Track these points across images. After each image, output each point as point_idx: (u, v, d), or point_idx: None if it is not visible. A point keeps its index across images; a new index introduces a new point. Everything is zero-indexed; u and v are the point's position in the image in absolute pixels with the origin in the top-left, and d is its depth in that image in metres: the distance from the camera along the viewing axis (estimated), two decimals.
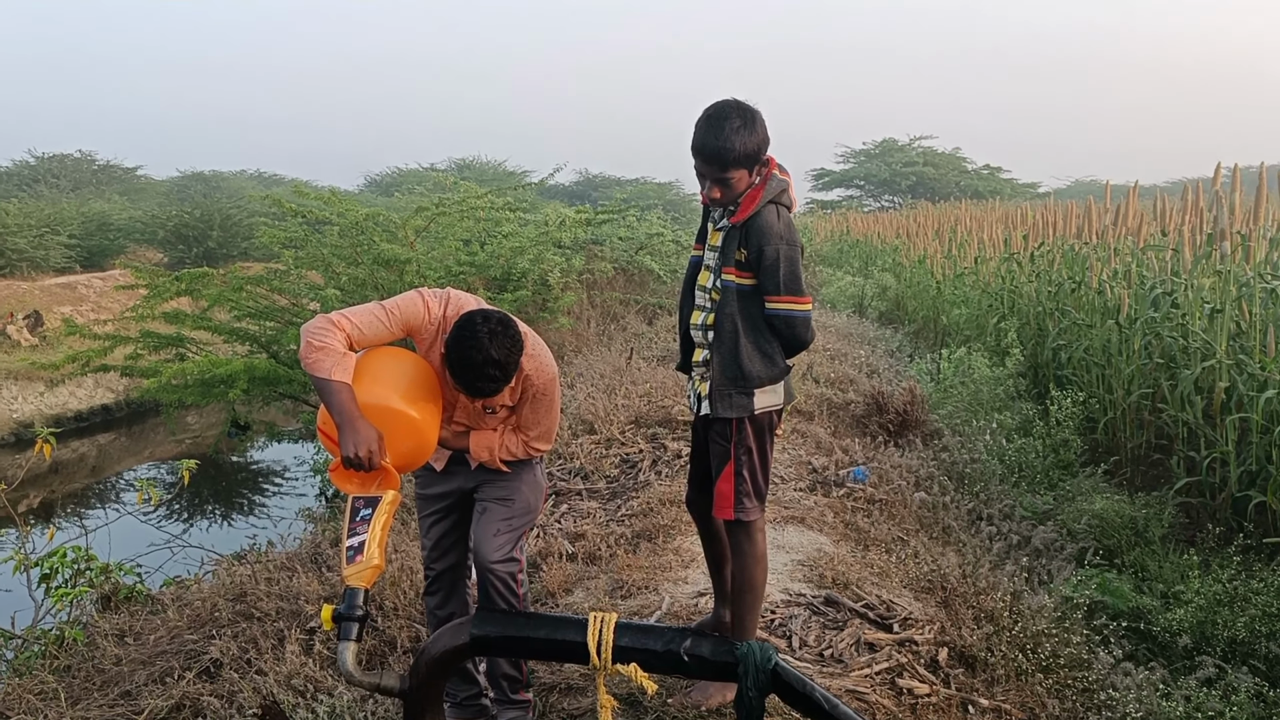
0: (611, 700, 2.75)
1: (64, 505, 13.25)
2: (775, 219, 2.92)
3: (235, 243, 25.77)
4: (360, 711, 3.70)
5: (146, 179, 39.82)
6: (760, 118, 2.90)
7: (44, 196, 30.57)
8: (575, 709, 3.37)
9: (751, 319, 2.96)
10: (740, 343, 2.94)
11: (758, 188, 2.94)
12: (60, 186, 34.57)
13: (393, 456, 2.86)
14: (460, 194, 14.35)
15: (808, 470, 6.16)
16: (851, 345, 11.33)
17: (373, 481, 2.87)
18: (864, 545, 4.96)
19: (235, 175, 42.96)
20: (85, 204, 28.46)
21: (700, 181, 2.98)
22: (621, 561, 4.54)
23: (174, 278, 11.56)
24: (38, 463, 7.22)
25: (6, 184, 34.22)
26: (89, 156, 38.49)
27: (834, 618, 3.98)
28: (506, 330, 2.82)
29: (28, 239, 22.41)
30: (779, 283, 2.91)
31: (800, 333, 2.98)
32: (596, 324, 13.21)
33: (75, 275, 23.51)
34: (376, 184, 46.18)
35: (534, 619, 2.67)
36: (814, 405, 7.73)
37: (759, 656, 2.57)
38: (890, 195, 49.26)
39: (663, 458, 6.28)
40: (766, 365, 2.97)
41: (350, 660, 2.66)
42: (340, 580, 3.98)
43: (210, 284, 11.21)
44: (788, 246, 2.92)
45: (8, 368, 17.95)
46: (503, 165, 46.30)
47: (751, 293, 2.97)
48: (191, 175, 40.45)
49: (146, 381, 10.85)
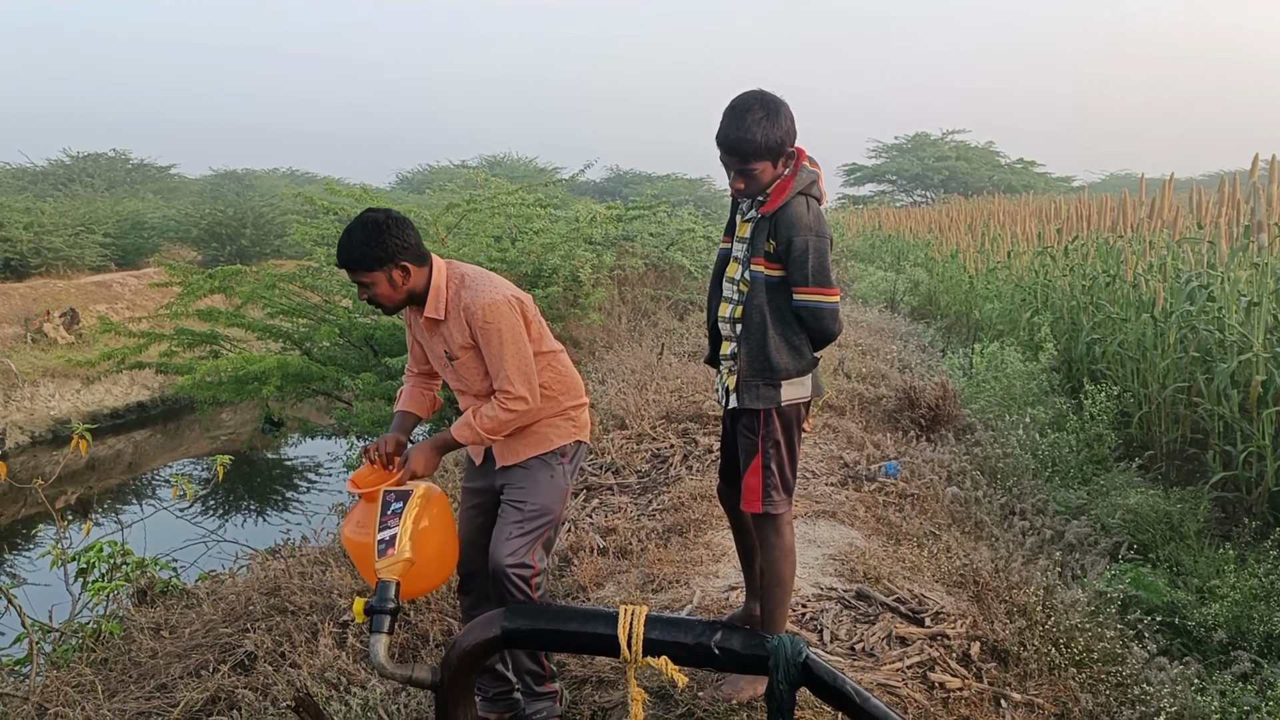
0: (642, 693, 2.76)
1: (100, 501, 13.45)
2: (805, 210, 2.91)
3: (268, 240, 26.00)
4: (392, 704, 3.74)
5: (180, 178, 40.21)
6: (785, 109, 2.88)
7: (79, 196, 30.96)
8: (606, 702, 3.38)
9: (779, 311, 2.95)
10: (768, 334, 2.93)
11: (787, 179, 2.93)
12: (95, 186, 34.97)
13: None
14: (491, 190, 14.41)
15: (839, 465, 6.14)
16: (883, 340, 11.27)
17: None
18: (895, 540, 4.94)
19: (268, 174, 43.31)
20: (120, 203, 28.80)
21: (726, 173, 2.98)
22: (652, 556, 4.54)
23: (207, 275, 11.68)
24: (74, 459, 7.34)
25: (43, 184, 34.66)
26: (123, 155, 38.92)
27: (865, 612, 3.96)
28: (369, 222, 2.98)
29: (64, 238, 22.73)
30: (807, 274, 2.90)
31: (828, 325, 2.96)
32: (627, 320, 13.21)
33: (110, 274, 23.81)
34: (408, 181, 46.41)
35: (565, 612, 2.68)
36: (845, 400, 7.70)
37: (790, 650, 2.57)
38: (922, 190, 48.88)
39: (694, 452, 6.28)
40: (794, 357, 2.96)
41: (382, 653, 2.68)
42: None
43: (243, 281, 11.33)
44: (817, 238, 2.90)
45: (44, 365, 18.23)
46: (533, 162, 46.42)
47: (780, 284, 2.95)
48: (224, 174, 40.82)
49: (181, 378, 10.99)
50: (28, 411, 17.39)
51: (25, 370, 17.84)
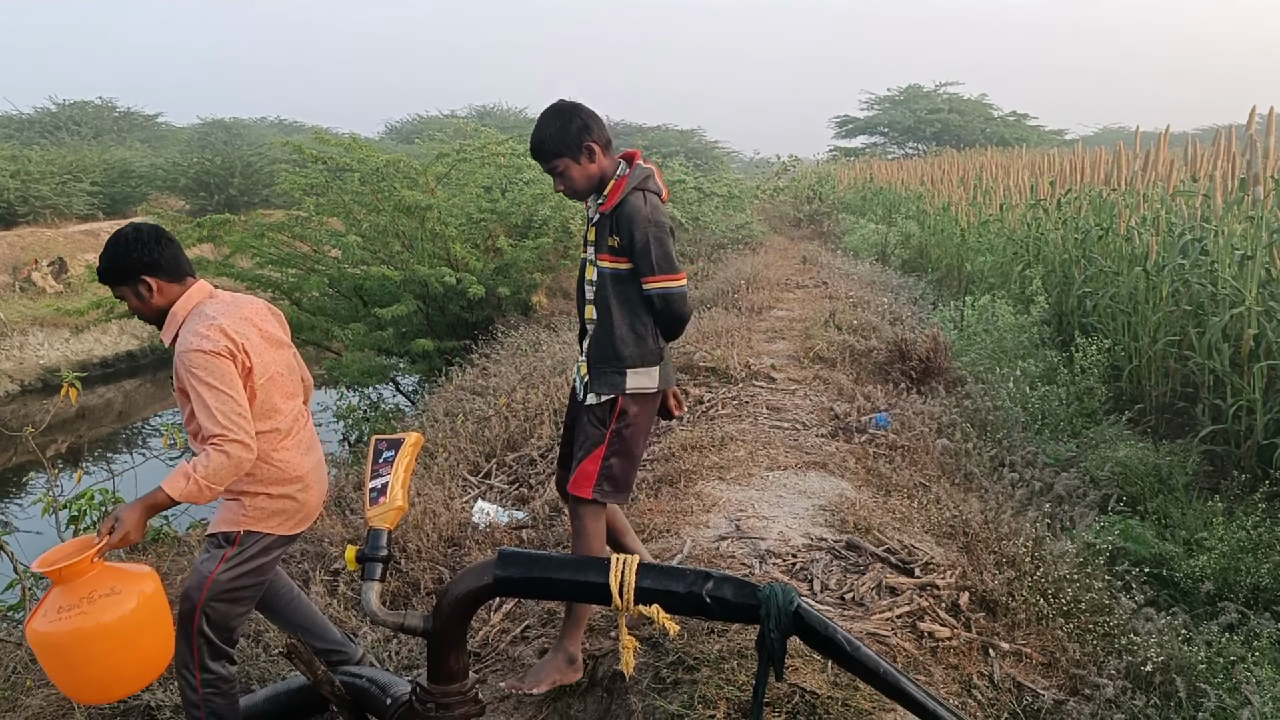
0: (634, 641, 2.78)
1: (91, 450, 13.44)
2: (642, 203, 3.04)
3: (256, 190, 25.83)
4: (384, 651, 3.76)
5: (167, 126, 39.85)
6: (579, 111, 3.07)
7: (66, 144, 30.63)
8: (598, 649, 3.40)
9: (627, 302, 3.09)
10: (613, 324, 3.08)
11: (622, 178, 3.08)
12: (82, 134, 34.62)
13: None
14: (481, 140, 14.24)
15: (829, 416, 6.14)
16: (874, 293, 11.25)
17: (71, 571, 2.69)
18: (885, 491, 4.95)
19: (256, 123, 42.90)
20: (107, 151, 28.52)
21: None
22: (643, 505, 4.55)
23: (196, 224, 11.58)
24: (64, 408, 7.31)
25: (29, 131, 34.31)
26: (109, 104, 38.52)
27: (855, 562, 3.98)
28: (117, 240, 2.97)
29: (51, 186, 22.53)
30: (653, 263, 3.03)
31: (678, 307, 3.09)
32: None
33: (98, 222, 23.62)
34: (397, 131, 46.00)
35: (557, 560, 2.67)
36: (836, 352, 7.69)
37: (781, 599, 2.57)
38: (914, 142, 48.58)
39: (685, 403, 6.28)
40: (638, 345, 3.09)
41: (375, 600, 2.68)
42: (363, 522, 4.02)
43: (232, 231, 11.23)
44: (656, 228, 3.03)
45: (34, 314, 18.12)
46: (524, 112, 45.99)
47: (626, 276, 3.08)
48: (212, 123, 40.38)
49: None
50: (17, 360, 17.30)
51: (14, 319, 17.72)
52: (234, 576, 2.99)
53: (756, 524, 4.30)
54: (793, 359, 7.51)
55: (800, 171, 28.66)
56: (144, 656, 2.76)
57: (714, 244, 15.68)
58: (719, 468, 5.01)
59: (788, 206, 24.07)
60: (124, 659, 2.71)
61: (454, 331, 11.37)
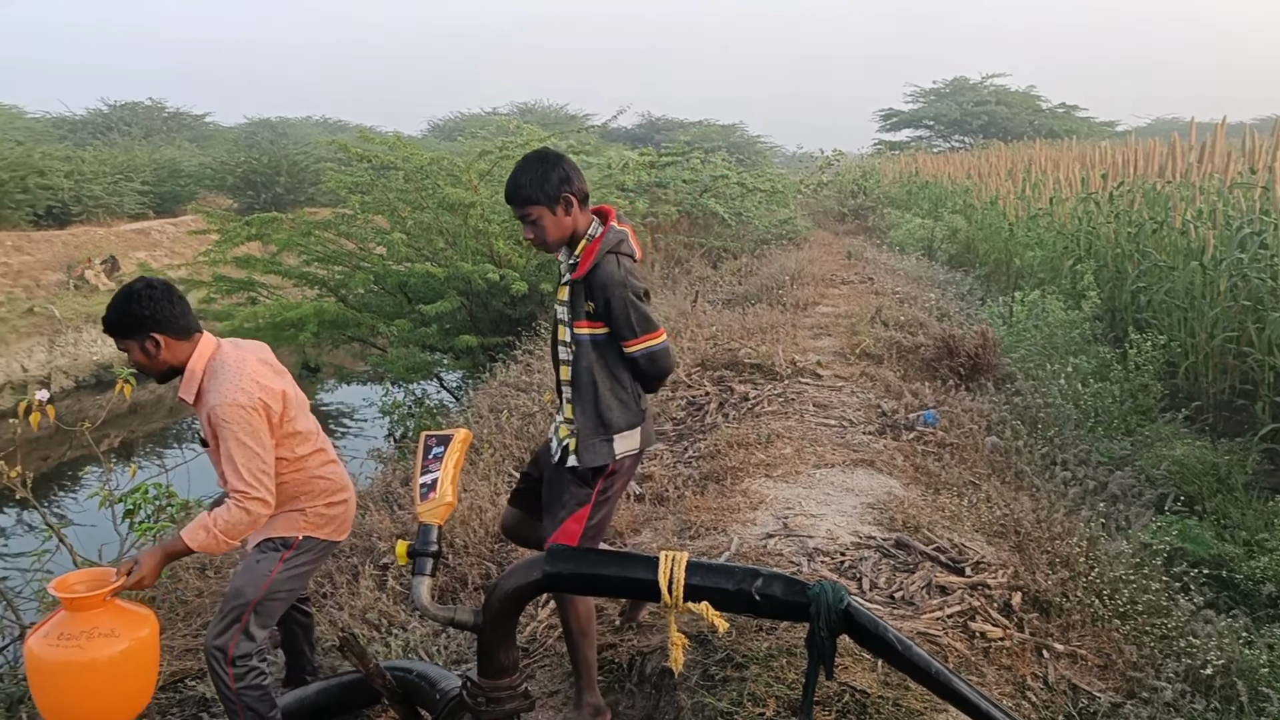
0: (683, 638, 2.75)
1: (143, 444, 13.67)
2: (615, 268, 3.02)
3: (302, 188, 26.09)
4: (432, 645, 3.78)
5: (215, 126, 40.35)
6: (562, 163, 3.03)
7: (117, 144, 31.14)
8: (645, 646, 3.39)
9: (608, 367, 3.06)
10: (599, 393, 3.05)
11: (595, 241, 3.04)
12: (132, 134, 35.16)
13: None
14: (524, 137, 14.29)
15: (877, 413, 6.08)
16: (921, 288, 11.14)
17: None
18: (934, 489, 4.89)
19: (301, 122, 43.32)
20: (157, 151, 28.94)
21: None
22: (690, 503, 4.53)
23: (244, 223, 11.71)
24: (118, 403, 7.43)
25: (82, 132, 34.92)
26: (159, 104, 39.09)
27: (904, 560, 3.93)
28: (124, 295, 3.03)
29: (103, 186, 22.91)
30: (634, 327, 3.01)
31: (663, 363, 3.10)
32: (661, 267, 13.13)
33: (149, 221, 24.00)
34: (439, 129, 46.27)
35: (606, 557, 2.67)
36: (883, 348, 7.61)
37: (831, 596, 2.54)
38: (960, 135, 47.88)
39: (729, 400, 6.25)
40: (623, 411, 3.07)
41: (425, 594, 2.69)
42: (413, 517, 4.03)
43: (279, 229, 11.34)
44: (629, 291, 3.01)
45: (87, 311, 18.45)
46: (564, 109, 46.06)
47: (605, 341, 3.06)
48: (259, 122, 40.84)
49: (220, 324, 11.06)
50: (71, 356, 17.65)
51: (68, 316, 18.07)
52: (289, 577, 3.17)
53: (804, 522, 4.26)
54: (839, 355, 7.44)
55: (844, 166, 28.40)
56: (123, 697, 2.88)
57: (757, 239, 15.59)
58: (765, 465, 4.98)
59: (831, 201, 23.85)
60: (105, 697, 2.84)
61: (497, 328, 11.41)
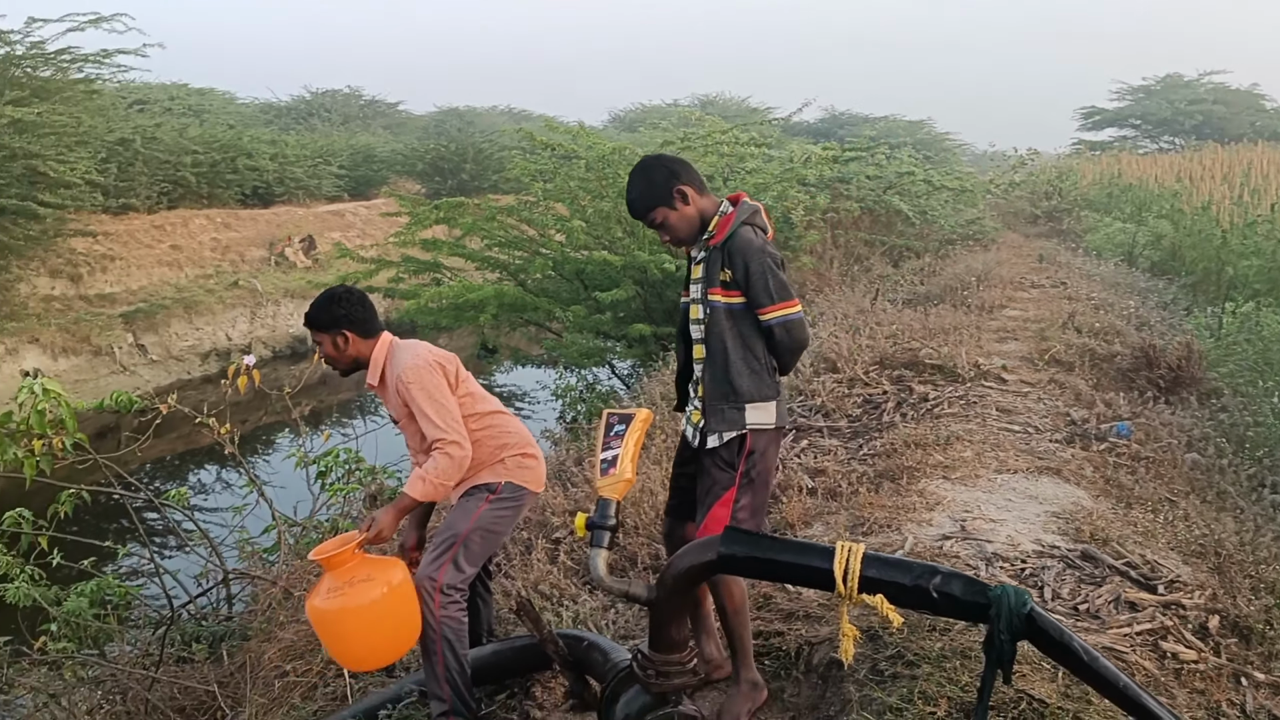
0: (854, 630, 2.71)
1: (331, 414, 14.44)
2: (753, 236, 3.02)
3: (486, 175, 26.92)
4: (601, 619, 3.85)
5: (407, 114, 42.11)
6: (662, 160, 3.12)
7: (318, 130, 32.96)
8: (813, 636, 3.36)
9: (741, 336, 3.01)
10: (729, 359, 3.00)
11: (729, 214, 3.05)
12: (331, 120, 37.10)
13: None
14: (705, 129, 14.32)
15: (1065, 421, 5.82)
16: (1119, 295, 10.59)
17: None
18: (1125, 503, 4.64)
19: (487, 111, 44.70)
20: (353, 137, 30.47)
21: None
22: (863, 499, 4.46)
23: (433, 207, 12.20)
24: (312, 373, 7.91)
25: (285, 118, 37.08)
26: (356, 92, 41.10)
27: (1091, 573, 3.76)
28: (326, 296, 3.47)
29: (304, 169, 24.30)
30: (770, 293, 2.97)
31: (798, 334, 3.03)
32: (839, 264, 12.93)
33: (343, 203, 25.32)
34: (620, 120, 46.84)
35: (781, 543, 2.65)
36: (1074, 355, 7.28)
37: (1014, 600, 2.46)
38: (1170, 136, 44.90)
39: (908, 400, 6.11)
40: (754, 380, 3.00)
41: (602, 567, 2.76)
42: (593, 491, 4.12)
43: (465, 213, 11.76)
44: (770, 258, 2.99)
45: (285, 286, 19.65)
46: (745, 102, 45.89)
47: (741, 311, 3.01)
48: (447, 110, 42.39)
49: (406, 303, 11.57)
50: (270, 328, 18.84)
51: (269, 290, 19.30)
52: (493, 518, 3.41)
53: (983, 526, 4.13)
54: (1025, 360, 7.16)
55: (1039, 165, 27.19)
56: (390, 634, 3.20)
57: (942, 239, 15.13)
58: (944, 466, 4.84)
59: (1023, 202, 22.87)
60: (375, 635, 3.18)
61: (670, 318, 11.50)
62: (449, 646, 3.24)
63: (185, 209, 20.66)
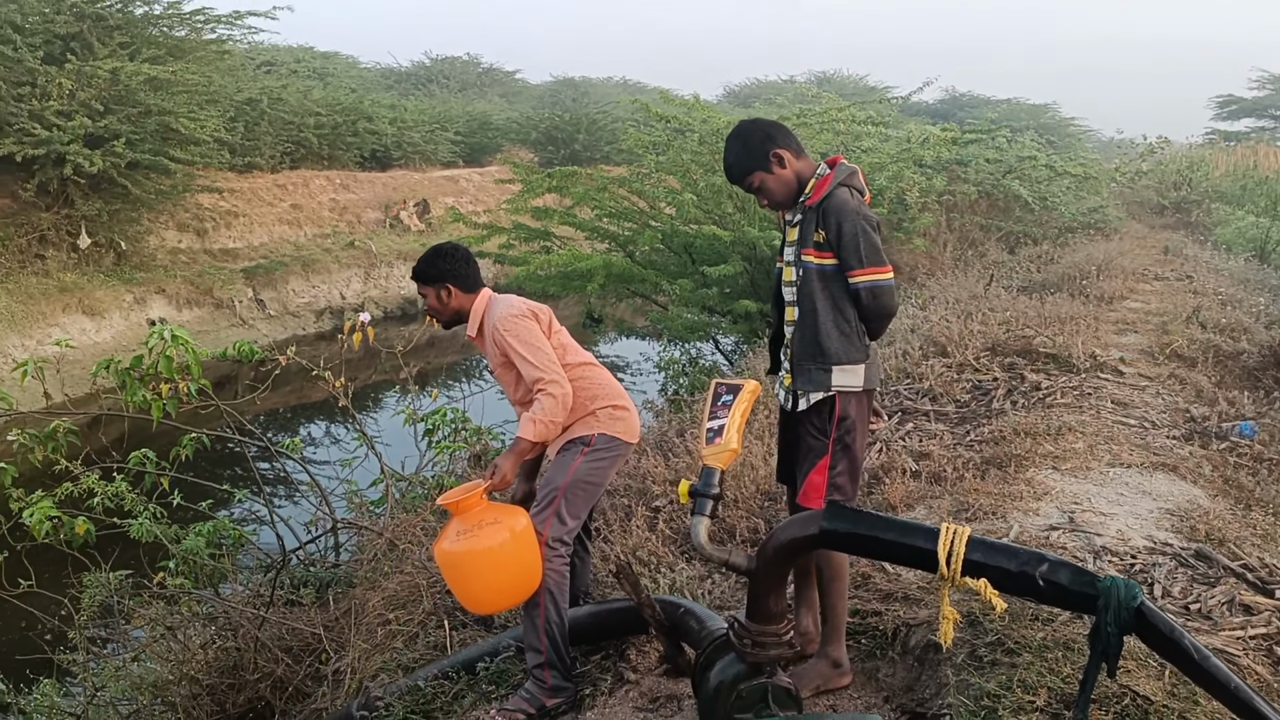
0: (955, 613, 2.69)
1: (437, 375, 14.77)
2: (849, 197, 3.00)
3: (599, 146, 27.04)
4: (698, 588, 3.89)
5: (523, 83, 42.52)
6: (758, 124, 3.14)
7: (435, 96, 33.54)
8: (911, 618, 3.34)
9: (832, 298, 3.00)
10: (819, 320, 3.00)
11: (826, 175, 3.03)
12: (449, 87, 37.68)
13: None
14: (823, 106, 14.12)
15: (1184, 418, 5.62)
16: (1248, 292, 10.15)
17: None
18: (1245, 505, 4.48)
19: (603, 82, 44.83)
20: (470, 104, 30.91)
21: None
22: (968, 485, 4.39)
23: (546, 175, 12.33)
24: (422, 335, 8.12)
25: (405, 84, 37.77)
26: (475, 60, 41.64)
27: (1204, 573, 3.64)
28: (433, 251, 3.63)
29: (421, 134, 24.76)
30: (861, 256, 2.95)
31: (886, 301, 3.01)
32: (953, 248, 12.66)
33: (458, 169, 25.74)
34: (734, 95, 46.54)
35: (885, 521, 2.64)
36: (1198, 351, 7.01)
37: (1124, 593, 2.41)
38: None
39: (1019, 388, 5.98)
40: (844, 343, 3.00)
41: (703, 534, 2.79)
42: (694, 462, 4.16)
43: (577, 183, 11.85)
44: (864, 221, 2.96)
45: (399, 249, 20.12)
46: (863, 80, 45.08)
47: (833, 273, 3.00)
48: (563, 81, 42.66)
49: (516, 270, 11.75)
50: (383, 289, 19.35)
51: (383, 252, 19.81)
52: (591, 469, 3.47)
53: (1092, 519, 4.03)
54: (1145, 354, 6.93)
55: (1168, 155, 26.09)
56: (513, 577, 3.28)
57: (1061, 226, 14.67)
58: (1054, 457, 4.74)
59: (1150, 192, 21.99)
60: (500, 578, 3.26)
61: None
62: (551, 599, 3.32)
63: (306, 169, 21.30)
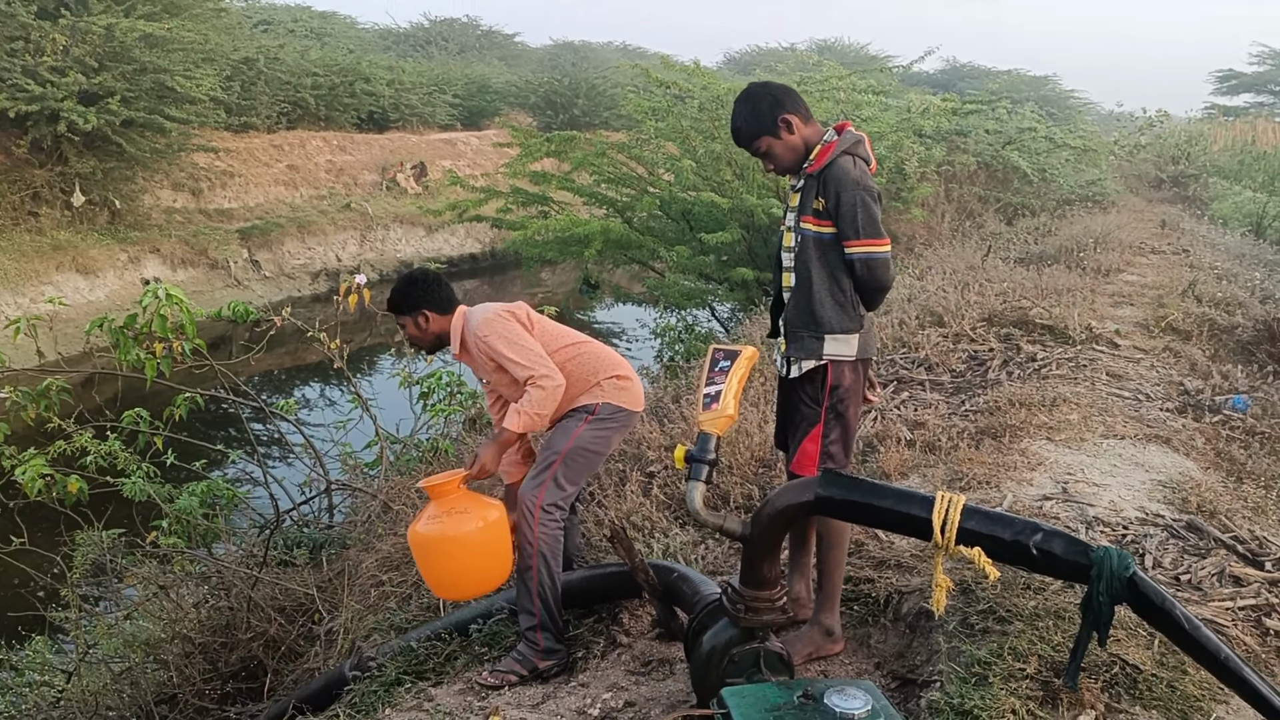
0: (947, 581, 2.71)
1: None
2: (851, 166, 2.98)
3: (598, 111, 26.87)
4: (692, 554, 3.91)
5: (523, 46, 42.13)
6: (767, 88, 3.09)
7: (434, 58, 33.25)
8: (904, 586, 3.36)
9: (828, 266, 3.00)
10: (814, 288, 3.00)
11: (830, 142, 3.02)
12: (448, 49, 37.34)
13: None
14: (824, 74, 14.03)
15: (1178, 391, 5.64)
16: (1244, 266, 10.15)
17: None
18: (1237, 477, 4.51)
19: (603, 46, 44.48)
20: (469, 66, 30.66)
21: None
22: (962, 455, 4.40)
23: (545, 139, 12.25)
24: None
25: (403, 45, 37.44)
26: (474, 22, 41.24)
27: (1195, 544, 3.66)
28: (404, 280, 3.62)
29: (419, 96, 24.57)
30: (858, 227, 2.94)
31: (881, 274, 2.99)
32: (951, 219, 12.65)
33: (455, 132, 25.57)
34: (735, 62, 46.24)
35: (880, 488, 2.65)
36: (1192, 324, 7.02)
37: (1116, 563, 2.42)
38: None
39: (1014, 359, 5.99)
40: (837, 312, 3.00)
41: (699, 500, 2.79)
42: (694, 424, 4.17)
43: (575, 148, 11.78)
44: (864, 191, 2.95)
45: (395, 212, 20.04)
46: (865, 49, 44.78)
47: (830, 242, 3.00)
48: (563, 44, 42.35)
49: (513, 234, 11.71)
50: (379, 251, 19.29)
51: (379, 215, 19.72)
52: (593, 438, 3.50)
53: (1085, 489, 4.05)
54: (1140, 327, 6.94)
55: (1167, 129, 25.99)
56: (480, 567, 3.37)
57: (1060, 199, 14.64)
58: (1048, 427, 4.75)
59: (1149, 165, 21.93)
60: (466, 565, 3.34)
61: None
62: (544, 563, 3.34)
63: (303, 130, 21.15)
